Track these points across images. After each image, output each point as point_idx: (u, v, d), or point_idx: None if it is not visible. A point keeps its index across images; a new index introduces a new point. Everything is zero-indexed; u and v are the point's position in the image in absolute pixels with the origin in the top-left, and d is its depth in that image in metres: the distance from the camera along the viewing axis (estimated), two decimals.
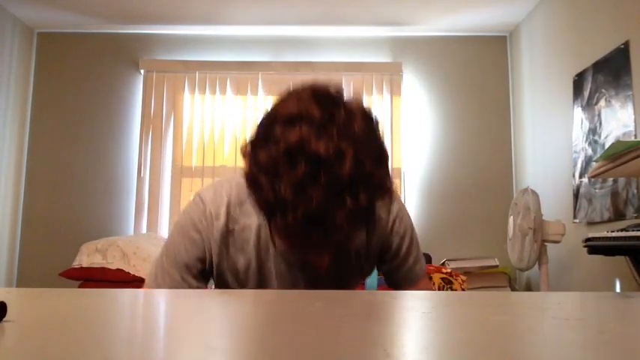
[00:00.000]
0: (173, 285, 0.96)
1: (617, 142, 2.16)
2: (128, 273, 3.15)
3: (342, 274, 1.03)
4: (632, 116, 2.69)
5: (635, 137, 2.66)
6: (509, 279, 3.76)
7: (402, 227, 1.11)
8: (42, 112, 4.27)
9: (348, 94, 0.87)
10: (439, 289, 3.01)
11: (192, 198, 1.07)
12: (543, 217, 3.03)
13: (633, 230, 2.10)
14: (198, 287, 0.98)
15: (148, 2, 3.87)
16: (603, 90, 2.96)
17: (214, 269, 1.00)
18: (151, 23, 4.20)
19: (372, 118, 0.89)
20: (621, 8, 2.84)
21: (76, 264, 3.20)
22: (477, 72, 4.31)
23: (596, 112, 3.03)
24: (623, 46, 2.78)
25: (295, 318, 0.46)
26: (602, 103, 2.97)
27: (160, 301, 0.61)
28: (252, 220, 0.99)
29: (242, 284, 1.00)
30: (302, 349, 0.33)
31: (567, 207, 3.33)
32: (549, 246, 3.15)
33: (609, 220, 2.88)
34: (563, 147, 3.42)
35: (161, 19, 4.11)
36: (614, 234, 2.18)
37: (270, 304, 0.56)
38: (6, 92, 3.99)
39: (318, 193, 0.73)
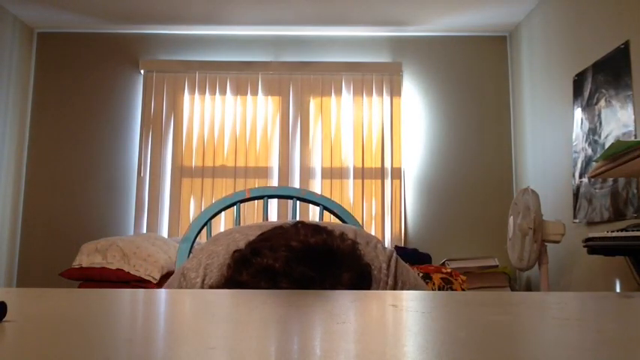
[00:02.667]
0: None
1: (617, 142, 2.16)
2: (128, 273, 3.15)
3: None
4: (632, 116, 2.69)
5: (635, 137, 2.66)
6: (509, 279, 3.76)
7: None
8: (42, 112, 4.27)
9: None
10: (439, 289, 3.01)
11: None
12: (543, 217, 3.03)
13: (633, 230, 2.10)
14: None
15: (148, 2, 3.87)
16: (603, 90, 2.96)
17: None
18: (151, 23, 4.20)
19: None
20: (621, 8, 2.84)
21: (76, 264, 3.20)
22: (477, 72, 4.31)
23: (596, 112, 3.03)
24: (623, 46, 2.78)
25: (295, 318, 0.46)
26: (602, 103, 2.97)
27: (160, 301, 0.61)
28: None
29: None
30: (301, 349, 0.33)
31: (567, 207, 3.33)
32: (549, 246, 3.15)
33: (609, 220, 2.88)
34: (563, 147, 3.42)
35: (161, 19, 4.12)
36: (614, 234, 2.18)
37: (269, 303, 0.56)
38: (6, 92, 3.99)
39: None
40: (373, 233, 4.11)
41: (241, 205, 1.45)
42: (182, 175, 4.18)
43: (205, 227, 1.41)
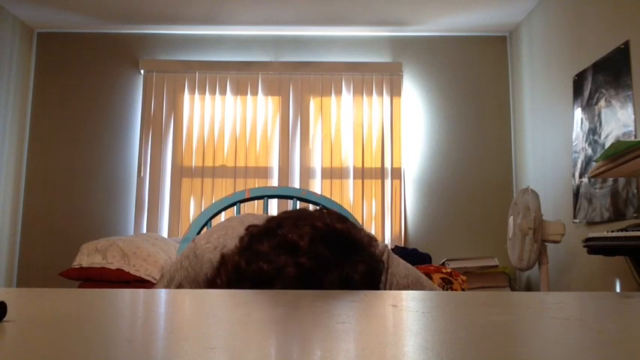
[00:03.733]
0: None
1: (617, 142, 2.16)
2: (128, 273, 3.15)
3: None
4: (632, 116, 2.69)
5: (635, 137, 2.66)
6: (509, 279, 3.76)
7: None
8: (42, 112, 4.27)
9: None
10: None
11: None
12: (543, 217, 3.03)
13: (633, 230, 2.10)
14: None
15: (148, 2, 3.87)
16: (603, 90, 2.96)
17: None
18: (151, 23, 4.20)
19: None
20: (621, 8, 2.84)
21: (75, 264, 3.20)
22: (477, 72, 4.31)
23: (596, 112, 3.03)
24: (623, 46, 2.78)
25: (295, 318, 0.46)
26: (602, 103, 2.97)
27: (160, 301, 0.61)
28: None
29: None
30: (301, 349, 0.33)
31: (567, 207, 3.33)
32: (549, 246, 3.15)
33: (609, 220, 2.88)
34: (563, 147, 3.42)
35: (161, 19, 4.12)
36: (614, 234, 2.18)
37: (270, 303, 0.56)
38: (6, 92, 3.99)
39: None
40: (373, 233, 4.11)
41: (241, 205, 1.45)
42: (182, 175, 4.18)
43: (205, 227, 1.41)
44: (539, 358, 0.31)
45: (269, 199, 1.49)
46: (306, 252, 0.78)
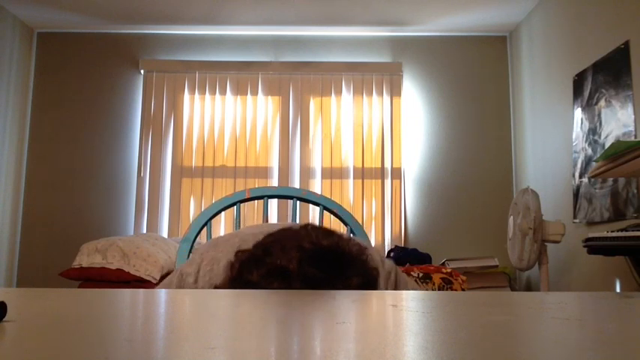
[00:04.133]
0: None
1: (617, 142, 2.16)
2: (128, 273, 3.15)
3: None
4: (632, 116, 2.69)
5: (635, 137, 2.66)
6: (509, 279, 3.76)
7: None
8: (42, 112, 4.27)
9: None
10: (439, 289, 3.01)
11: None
12: (543, 217, 3.03)
13: (633, 230, 2.10)
14: None
15: (148, 2, 3.87)
16: (603, 90, 2.96)
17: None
18: (151, 23, 4.20)
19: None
20: (621, 8, 2.84)
21: (75, 264, 3.20)
22: (477, 72, 4.31)
23: (596, 112, 3.03)
24: (623, 46, 2.78)
25: (295, 318, 0.46)
26: (602, 103, 2.97)
27: (160, 301, 0.61)
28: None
29: None
30: (301, 349, 0.33)
31: (567, 207, 3.33)
32: (549, 246, 3.15)
33: (609, 220, 2.88)
34: (563, 147, 3.42)
35: (161, 19, 4.12)
36: (613, 234, 2.18)
37: (270, 303, 0.56)
38: (6, 92, 3.99)
39: None
40: (373, 233, 4.12)
41: (241, 205, 1.45)
42: (182, 175, 4.18)
43: (205, 227, 1.41)
44: (539, 358, 0.31)
45: (269, 199, 1.49)
46: (297, 275, 0.77)
